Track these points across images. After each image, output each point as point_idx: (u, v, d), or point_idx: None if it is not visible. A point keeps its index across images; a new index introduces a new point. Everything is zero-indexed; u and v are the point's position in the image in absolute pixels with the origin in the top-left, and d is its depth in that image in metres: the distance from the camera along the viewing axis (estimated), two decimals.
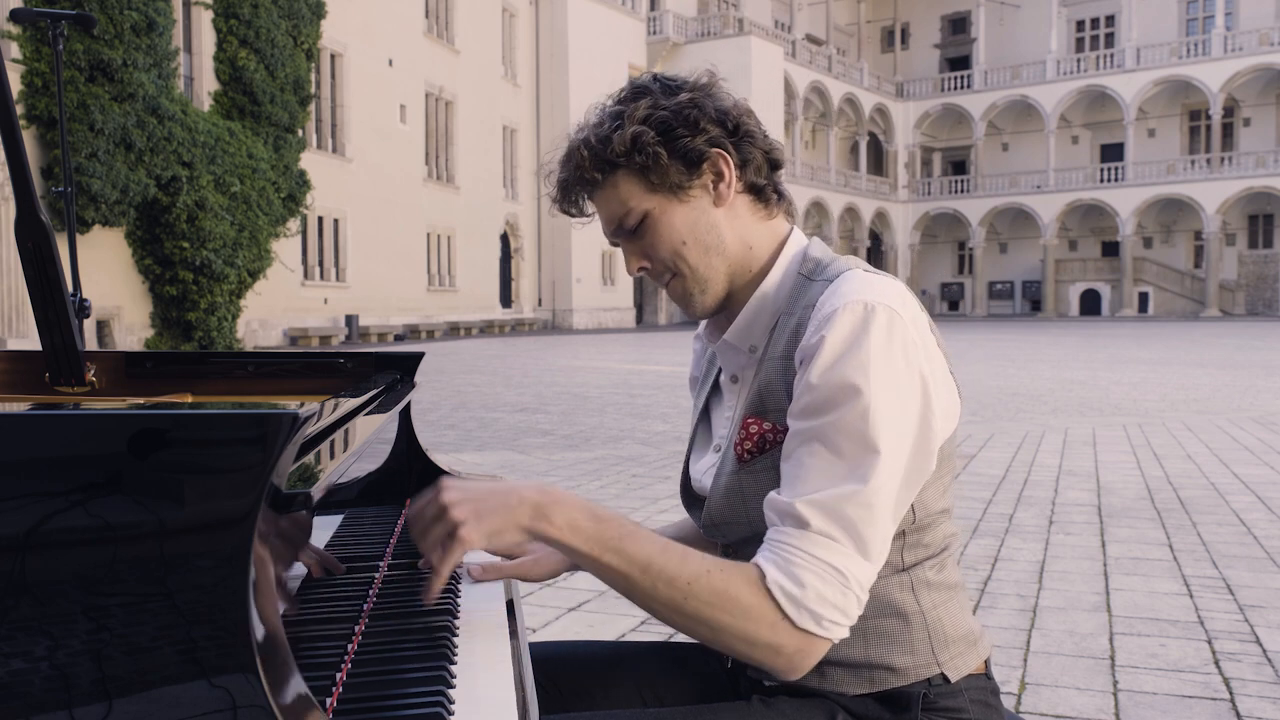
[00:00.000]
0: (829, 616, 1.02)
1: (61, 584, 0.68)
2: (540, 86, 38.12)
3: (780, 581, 1.02)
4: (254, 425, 0.73)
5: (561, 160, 1.21)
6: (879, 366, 1.03)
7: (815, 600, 1.01)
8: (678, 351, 22.61)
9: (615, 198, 1.17)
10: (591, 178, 1.17)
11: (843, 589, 1.02)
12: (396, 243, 30.27)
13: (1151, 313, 47.20)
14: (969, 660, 1.17)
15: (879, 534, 1.04)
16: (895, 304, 1.07)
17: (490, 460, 7.12)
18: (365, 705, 0.88)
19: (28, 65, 17.55)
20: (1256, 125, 45.57)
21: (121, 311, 20.26)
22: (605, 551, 1.03)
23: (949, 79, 50.89)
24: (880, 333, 1.04)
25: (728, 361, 1.25)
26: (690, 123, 1.14)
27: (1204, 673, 2.90)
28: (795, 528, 1.04)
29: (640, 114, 1.14)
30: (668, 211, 1.17)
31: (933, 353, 1.10)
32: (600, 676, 1.31)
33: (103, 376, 1.54)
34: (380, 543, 1.37)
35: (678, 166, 1.14)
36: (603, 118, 1.18)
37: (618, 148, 1.14)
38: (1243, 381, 13.62)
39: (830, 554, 1.02)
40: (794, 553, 1.03)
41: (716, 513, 1.20)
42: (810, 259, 1.20)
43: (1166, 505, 5.42)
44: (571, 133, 1.21)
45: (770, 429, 1.13)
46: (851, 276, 1.11)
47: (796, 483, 1.05)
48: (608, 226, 1.21)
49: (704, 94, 1.17)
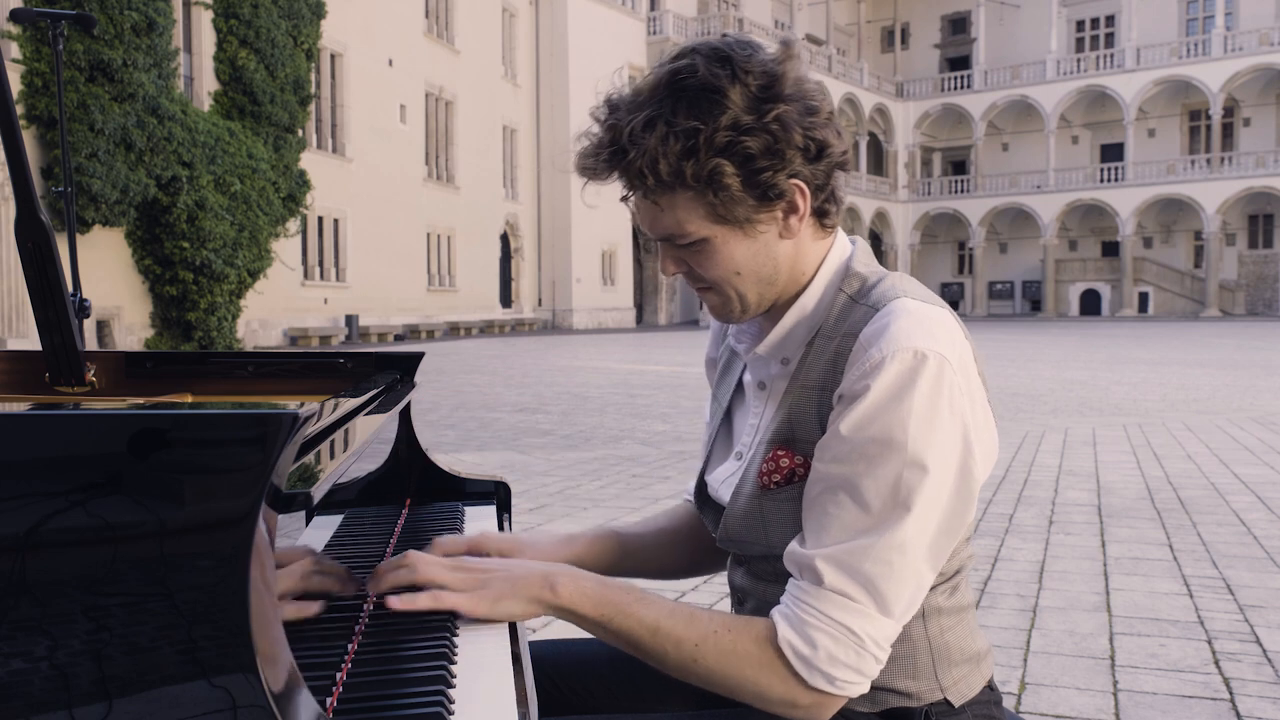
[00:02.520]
0: (842, 677, 1.00)
1: (62, 584, 0.68)
2: (540, 86, 38.12)
3: (792, 641, 1.01)
4: (254, 425, 0.73)
5: (605, 142, 1.04)
6: (920, 421, 0.99)
7: (826, 662, 1.00)
8: (678, 351, 22.61)
9: (671, 215, 1.05)
10: (646, 187, 1.04)
11: (857, 650, 1.00)
12: (396, 243, 30.27)
13: (1151, 313, 47.19)
14: (973, 682, 1.15)
15: (904, 589, 1.01)
16: (945, 349, 1.01)
17: (490, 460, 7.12)
18: (365, 705, 0.88)
19: (28, 65, 17.54)
20: (1256, 125, 45.56)
21: (121, 311, 20.25)
22: (614, 616, 1.03)
23: (949, 79, 50.87)
24: (927, 385, 0.99)
25: (755, 369, 1.19)
26: (776, 154, 1.01)
27: (1204, 673, 2.90)
28: (812, 583, 1.01)
29: (721, 140, 0.99)
30: (729, 242, 1.06)
31: (976, 394, 1.04)
32: (600, 676, 1.31)
33: (103, 376, 1.54)
34: (380, 543, 1.37)
35: (750, 201, 1.03)
36: (672, 125, 1.00)
37: (690, 178, 1.01)
38: (1243, 381, 13.61)
39: (846, 614, 1.00)
40: (808, 611, 1.01)
41: (734, 531, 1.16)
42: (854, 275, 1.11)
43: (1166, 505, 5.42)
44: (622, 102, 1.04)
45: (801, 463, 1.08)
46: (901, 310, 1.03)
47: (820, 533, 1.02)
48: (651, 230, 1.09)
49: (793, 102, 1.02)
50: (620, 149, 1.02)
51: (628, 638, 1.04)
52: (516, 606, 1.04)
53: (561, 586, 1.04)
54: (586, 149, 1.06)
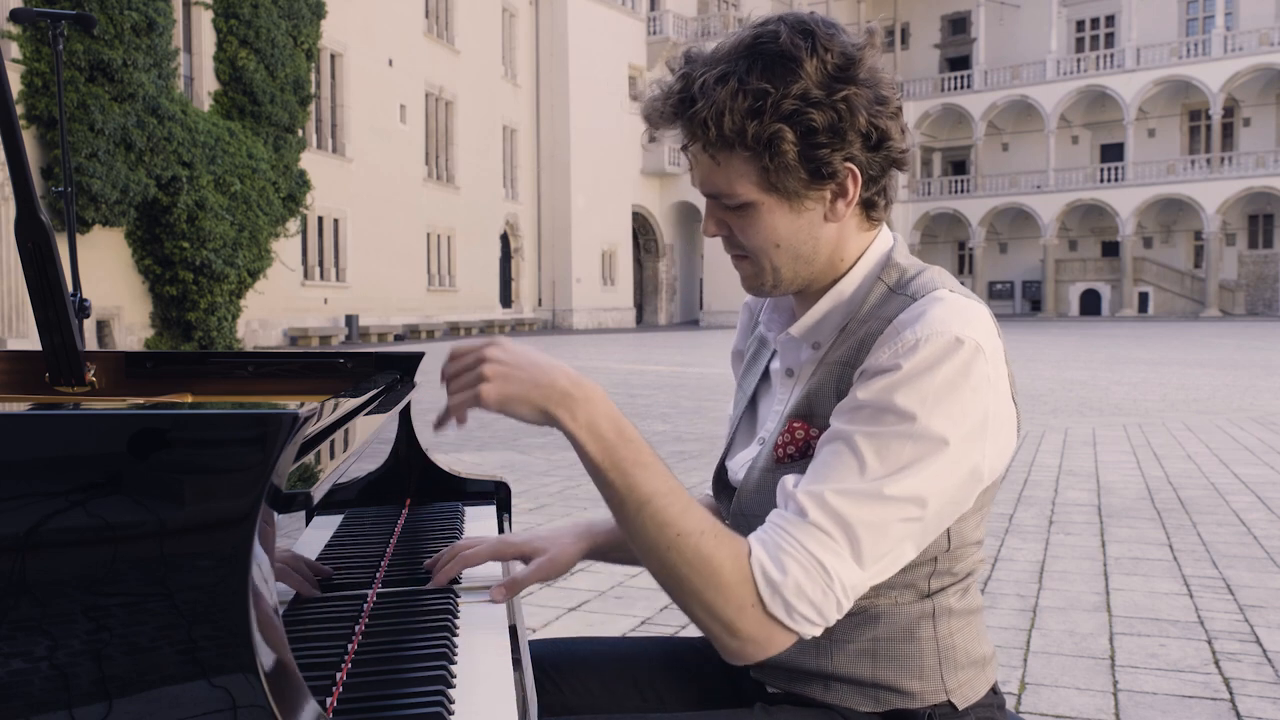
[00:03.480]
0: (801, 610, 0.98)
1: (62, 584, 0.68)
2: (540, 86, 38.13)
3: (764, 563, 0.99)
4: (254, 425, 0.73)
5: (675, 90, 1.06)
6: (941, 399, 0.99)
7: (793, 591, 0.98)
8: (678, 351, 22.61)
9: (724, 173, 1.07)
10: (706, 139, 1.05)
11: (825, 587, 0.98)
12: (396, 243, 30.27)
13: (1151, 313, 47.17)
14: (978, 686, 1.14)
15: (881, 548, 1.00)
16: (982, 338, 1.02)
17: (490, 460, 7.11)
18: (365, 705, 0.88)
19: (28, 65, 17.54)
20: (1256, 125, 45.53)
21: (121, 311, 20.25)
22: (612, 468, 0.99)
23: (949, 79, 50.84)
24: (957, 367, 1.00)
25: (785, 354, 1.19)
26: (837, 133, 1.03)
27: (1204, 673, 2.90)
28: (795, 514, 1.01)
29: (788, 107, 1.01)
30: (774, 212, 1.07)
31: (1003, 387, 1.05)
32: (601, 676, 1.31)
33: (103, 376, 1.54)
34: (380, 543, 1.37)
35: (803, 174, 1.05)
36: (744, 84, 1.02)
37: (750, 138, 1.03)
38: (1243, 381, 13.61)
39: (822, 550, 0.99)
40: (786, 539, 1.00)
41: (747, 504, 1.16)
42: (895, 266, 1.13)
43: (1166, 505, 5.42)
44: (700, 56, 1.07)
45: (816, 435, 1.09)
46: (939, 300, 1.05)
47: (815, 476, 1.02)
48: (701, 185, 1.10)
49: (865, 88, 1.04)
50: (689, 98, 1.05)
51: (615, 493, 1.00)
52: (523, 409, 1.00)
53: (579, 412, 0.99)
54: (655, 95, 1.09)
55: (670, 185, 43.47)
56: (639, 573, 3.87)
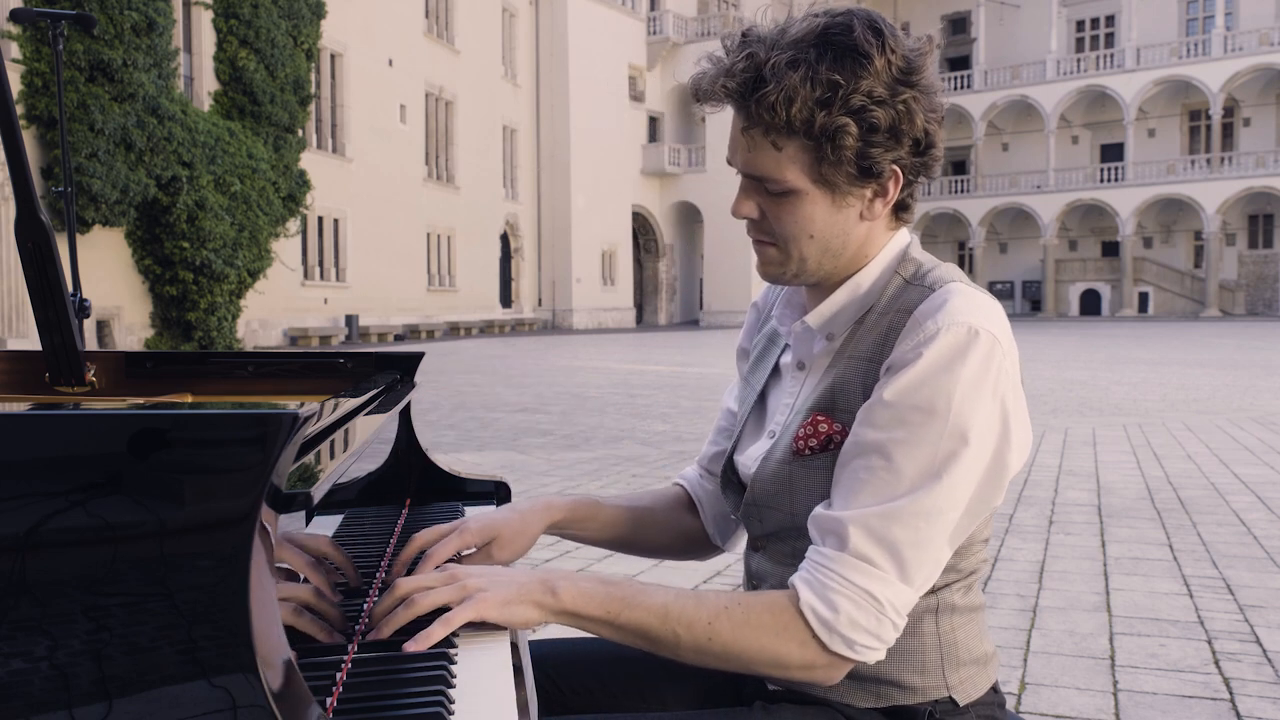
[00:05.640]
0: (861, 641, 1.01)
1: (62, 584, 0.68)
2: (540, 86, 38.13)
3: (814, 605, 1.01)
4: (254, 425, 0.73)
5: (742, 68, 1.04)
6: (966, 395, 1.00)
7: (847, 626, 1.01)
8: (678, 351, 22.61)
9: (775, 158, 1.05)
10: (767, 122, 1.04)
11: (878, 616, 1.01)
12: (396, 243, 30.28)
13: (1151, 313, 47.18)
14: (979, 683, 1.15)
15: (926, 558, 1.02)
16: (998, 331, 1.03)
17: (490, 460, 7.12)
18: (365, 705, 0.88)
19: (28, 65, 17.54)
20: (1256, 125, 45.54)
21: (121, 311, 20.25)
22: (621, 611, 1.02)
23: (949, 79, 50.78)
24: (977, 360, 1.01)
25: (797, 346, 1.19)
26: (895, 135, 1.04)
27: (1204, 673, 2.90)
28: (835, 549, 1.02)
29: (857, 102, 1.01)
30: (817, 203, 1.07)
31: (1018, 378, 1.06)
32: (600, 676, 1.31)
33: (103, 376, 1.54)
34: (380, 543, 1.36)
35: (852, 171, 1.05)
36: (814, 72, 1.01)
37: (816, 128, 1.02)
38: (1243, 381, 13.61)
39: (868, 580, 1.01)
40: (830, 576, 1.02)
41: (760, 496, 1.17)
42: (911, 260, 1.14)
43: (1166, 505, 5.42)
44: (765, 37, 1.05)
45: (840, 430, 1.09)
46: (956, 291, 1.06)
47: (850, 496, 1.03)
48: (745, 166, 1.09)
49: (924, 93, 1.05)
50: (760, 78, 1.03)
51: (637, 629, 1.03)
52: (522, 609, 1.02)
53: (562, 590, 1.02)
54: (714, 71, 1.07)
55: (670, 185, 43.46)
56: (639, 571, 3.87)
